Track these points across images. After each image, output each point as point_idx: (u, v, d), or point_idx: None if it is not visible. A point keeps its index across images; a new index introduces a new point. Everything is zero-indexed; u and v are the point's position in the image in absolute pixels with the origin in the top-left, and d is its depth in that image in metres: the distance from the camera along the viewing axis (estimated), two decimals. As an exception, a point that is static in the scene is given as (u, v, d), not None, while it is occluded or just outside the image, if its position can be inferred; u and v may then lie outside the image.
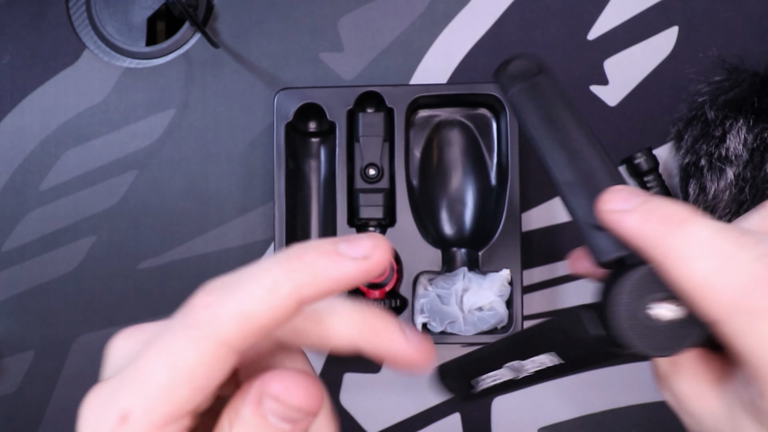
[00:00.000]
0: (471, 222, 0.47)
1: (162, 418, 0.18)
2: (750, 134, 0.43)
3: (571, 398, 0.48)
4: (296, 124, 0.46)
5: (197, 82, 0.50)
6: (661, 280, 0.22)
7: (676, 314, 0.22)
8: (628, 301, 0.22)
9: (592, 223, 0.25)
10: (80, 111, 0.50)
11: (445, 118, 0.48)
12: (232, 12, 0.50)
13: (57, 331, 0.49)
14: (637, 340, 0.22)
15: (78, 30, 0.51)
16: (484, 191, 0.47)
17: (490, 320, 0.43)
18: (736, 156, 0.43)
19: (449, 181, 0.47)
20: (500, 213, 0.44)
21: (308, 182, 0.48)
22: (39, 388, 0.49)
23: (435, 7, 0.50)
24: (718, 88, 0.45)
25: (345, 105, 0.44)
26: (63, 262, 0.49)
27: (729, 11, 0.49)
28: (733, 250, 0.21)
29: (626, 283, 0.22)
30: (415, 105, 0.46)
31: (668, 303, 0.22)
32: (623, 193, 0.23)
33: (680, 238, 0.21)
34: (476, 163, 0.47)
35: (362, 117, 0.45)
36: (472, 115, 0.47)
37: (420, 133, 0.47)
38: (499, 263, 0.44)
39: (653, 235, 0.22)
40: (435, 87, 0.45)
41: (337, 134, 0.44)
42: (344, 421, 0.48)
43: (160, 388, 0.18)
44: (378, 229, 0.45)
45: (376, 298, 0.45)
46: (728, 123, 0.44)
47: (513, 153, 0.44)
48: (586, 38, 0.49)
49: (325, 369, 0.49)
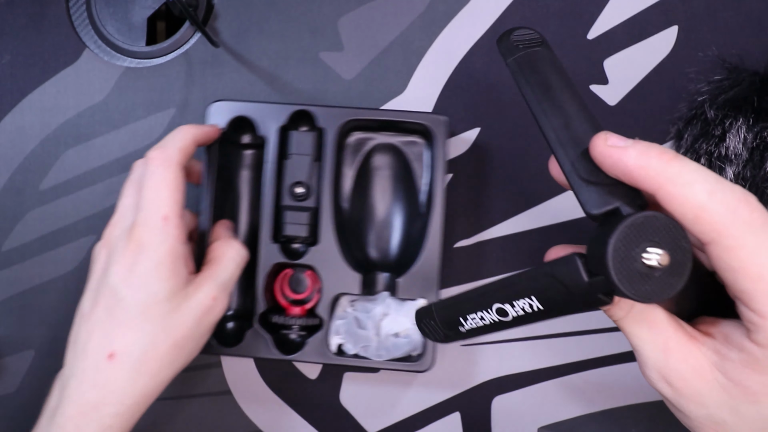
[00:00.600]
0: (397, 247, 0.47)
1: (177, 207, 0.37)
2: (750, 133, 0.43)
3: (571, 398, 0.48)
4: (231, 136, 0.46)
5: (197, 81, 0.50)
6: (652, 229, 0.24)
7: (664, 261, 0.24)
8: (622, 248, 0.24)
9: (583, 177, 0.27)
10: (80, 110, 0.50)
11: (381, 142, 0.48)
12: (232, 12, 0.50)
13: (57, 331, 0.49)
14: (630, 285, 0.24)
15: (78, 29, 0.51)
16: (411, 218, 0.47)
17: (404, 347, 0.43)
18: (735, 155, 0.43)
19: (380, 205, 0.48)
20: (424, 241, 0.44)
21: (239, 193, 0.48)
22: (39, 388, 0.49)
23: (435, 7, 0.50)
24: (717, 87, 0.45)
25: (278, 121, 0.45)
26: (63, 262, 0.49)
27: (729, 11, 0.49)
28: (716, 177, 0.25)
29: (621, 230, 0.24)
30: (350, 127, 0.46)
31: (658, 250, 0.24)
32: (617, 135, 0.27)
33: (677, 167, 0.25)
34: (407, 189, 0.47)
35: (293, 135, 0.45)
36: (406, 141, 0.47)
37: (354, 155, 0.48)
38: (417, 291, 0.44)
39: (654, 166, 0.25)
40: (367, 111, 0.45)
41: (267, 150, 0.45)
42: (344, 420, 0.48)
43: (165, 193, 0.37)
44: (303, 247, 0.45)
45: (296, 314, 0.45)
46: (728, 122, 0.44)
47: (437, 183, 0.44)
48: (586, 38, 0.49)
49: (325, 369, 0.49)
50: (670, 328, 0.28)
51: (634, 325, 0.28)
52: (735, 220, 0.24)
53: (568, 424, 0.48)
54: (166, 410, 0.49)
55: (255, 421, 0.49)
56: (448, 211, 0.49)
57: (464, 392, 0.48)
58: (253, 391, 0.49)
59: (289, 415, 0.49)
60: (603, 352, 0.48)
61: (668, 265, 0.24)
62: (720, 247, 0.25)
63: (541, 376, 0.48)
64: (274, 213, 0.45)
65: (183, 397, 0.49)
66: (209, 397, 0.49)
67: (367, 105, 0.49)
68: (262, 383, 0.49)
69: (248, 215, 0.48)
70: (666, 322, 0.28)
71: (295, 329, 0.45)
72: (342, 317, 0.44)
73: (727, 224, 0.24)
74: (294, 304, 0.46)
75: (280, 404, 0.49)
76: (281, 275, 0.47)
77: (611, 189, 0.26)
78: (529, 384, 0.48)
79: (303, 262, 0.44)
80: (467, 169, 0.49)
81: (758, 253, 0.24)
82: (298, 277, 0.46)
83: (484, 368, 0.48)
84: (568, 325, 0.48)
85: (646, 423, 0.48)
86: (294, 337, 0.46)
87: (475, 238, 0.48)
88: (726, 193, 0.24)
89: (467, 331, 0.31)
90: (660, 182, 0.25)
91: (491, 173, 0.49)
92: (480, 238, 0.48)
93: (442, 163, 0.44)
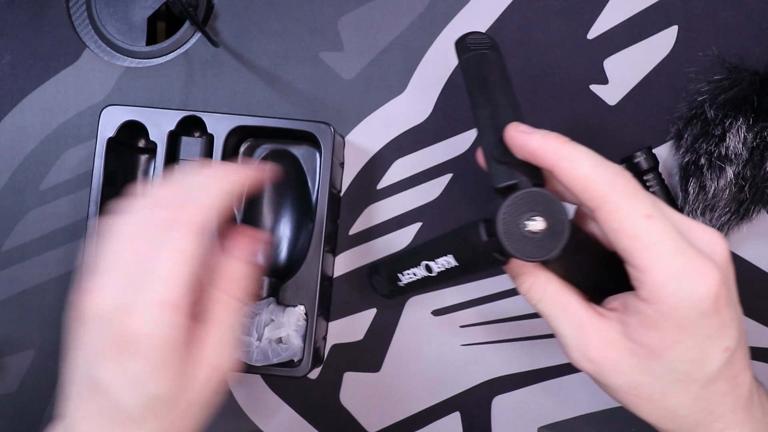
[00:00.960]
0: (285, 253, 0.48)
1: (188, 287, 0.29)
2: (750, 133, 0.43)
3: (571, 398, 0.48)
4: (125, 140, 0.46)
5: (197, 81, 0.50)
6: (536, 201, 0.30)
7: (542, 227, 0.29)
8: (510, 215, 0.30)
9: (496, 157, 0.32)
10: (80, 110, 0.50)
11: (275, 148, 0.48)
12: (232, 11, 0.50)
13: (57, 330, 0.49)
14: (514, 245, 0.29)
15: (78, 29, 0.51)
16: (302, 224, 0.48)
17: (283, 353, 0.44)
18: (735, 155, 0.43)
19: (273, 211, 0.48)
20: (308, 247, 0.45)
21: None
22: (39, 388, 0.49)
23: (435, 6, 0.50)
24: (717, 86, 0.45)
25: (168, 127, 0.45)
26: (63, 262, 0.49)
27: (729, 11, 0.49)
28: (599, 157, 0.30)
29: (509, 201, 0.30)
30: (241, 134, 0.47)
31: (539, 218, 0.29)
32: (527, 125, 0.32)
33: (569, 148, 0.30)
34: (300, 196, 0.48)
35: (183, 141, 0.46)
36: (300, 148, 0.48)
37: (249, 161, 0.48)
38: (300, 297, 0.44)
39: (552, 146, 0.30)
40: (254, 119, 0.45)
41: (158, 155, 0.45)
42: (344, 420, 0.48)
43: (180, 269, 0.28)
44: None
45: None
46: (728, 122, 0.44)
47: (323, 191, 0.44)
48: (586, 37, 0.49)
49: (325, 369, 0.49)
50: (582, 309, 0.32)
51: (551, 308, 0.32)
52: (614, 188, 0.29)
53: (568, 424, 0.48)
54: (166, 410, 0.49)
55: (255, 420, 0.49)
56: (449, 210, 0.49)
57: (464, 392, 0.48)
58: (253, 391, 0.49)
59: (289, 415, 0.49)
60: (603, 351, 0.48)
61: (547, 231, 0.29)
62: (603, 212, 0.29)
63: (541, 376, 0.48)
64: None
65: (183, 397, 0.49)
66: (209, 397, 0.49)
67: (367, 105, 0.49)
68: (262, 383, 0.49)
69: None
70: (577, 303, 0.32)
71: None
72: None
73: (608, 191, 0.29)
74: None
75: (280, 404, 0.49)
76: None
77: (516, 168, 0.31)
78: (529, 384, 0.48)
79: None
80: (467, 169, 0.49)
81: (632, 214, 0.28)
82: None
83: (484, 368, 0.48)
84: (568, 324, 0.48)
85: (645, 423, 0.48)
86: None
87: (475, 237, 0.49)
88: (606, 168, 0.29)
89: (405, 285, 0.36)
90: (555, 160, 0.30)
91: (491, 173, 0.49)
92: (480, 238, 0.49)
93: (328, 170, 0.44)
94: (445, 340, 0.48)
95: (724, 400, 0.30)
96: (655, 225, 0.28)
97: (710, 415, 0.31)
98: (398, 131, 0.49)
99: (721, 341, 0.29)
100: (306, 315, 0.44)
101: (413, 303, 0.49)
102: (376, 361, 0.49)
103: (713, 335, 0.29)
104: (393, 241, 0.49)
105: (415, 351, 0.48)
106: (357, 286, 0.49)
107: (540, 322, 0.48)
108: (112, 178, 0.46)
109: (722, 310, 0.29)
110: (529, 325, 0.48)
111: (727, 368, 0.30)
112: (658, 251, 0.28)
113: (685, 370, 0.29)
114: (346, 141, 0.49)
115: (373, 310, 0.49)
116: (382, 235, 0.49)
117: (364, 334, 0.49)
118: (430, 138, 0.49)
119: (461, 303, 0.48)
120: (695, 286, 0.28)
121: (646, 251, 0.28)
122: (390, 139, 0.49)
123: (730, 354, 0.29)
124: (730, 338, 0.29)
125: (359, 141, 0.49)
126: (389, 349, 0.49)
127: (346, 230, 0.49)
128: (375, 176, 0.49)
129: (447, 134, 0.49)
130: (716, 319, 0.28)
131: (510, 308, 0.48)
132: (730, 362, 0.30)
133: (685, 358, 0.29)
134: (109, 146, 0.45)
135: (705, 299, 0.28)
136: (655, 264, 0.28)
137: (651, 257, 0.28)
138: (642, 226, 0.28)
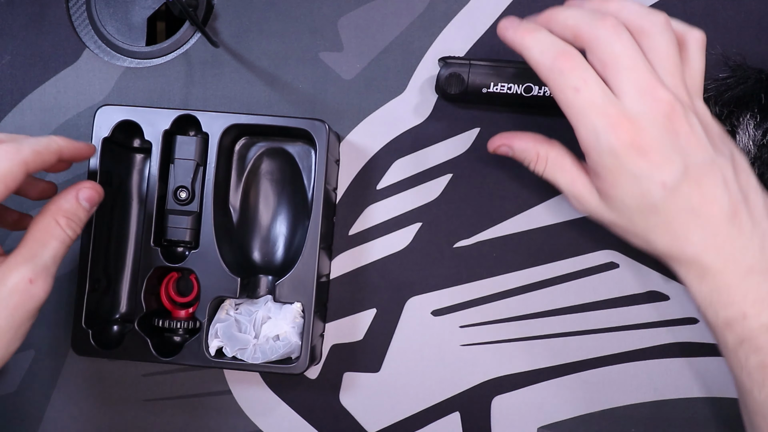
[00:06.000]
0: (282, 251, 0.48)
1: None
2: (759, 130, 0.43)
3: (571, 398, 0.48)
4: (120, 139, 0.46)
5: (197, 81, 0.50)
6: None
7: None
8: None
9: None
10: (80, 110, 0.50)
11: (270, 147, 0.48)
12: (232, 12, 0.50)
13: (57, 331, 0.49)
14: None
15: (78, 30, 0.51)
16: (298, 222, 0.48)
17: (280, 350, 0.43)
18: (746, 152, 0.44)
19: (266, 209, 0.48)
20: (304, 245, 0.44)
21: (130, 197, 0.48)
22: (39, 388, 0.49)
23: (435, 7, 0.50)
24: (723, 84, 0.45)
25: (163, 126, 0.45)
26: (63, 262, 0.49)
27: (729, 10, 0.49)
28: (548, 38, 0.37)
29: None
30: (237, 132, 0.47)
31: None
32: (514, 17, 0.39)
33: (528, 39, 0.37)
34: (296, 193, 0.48)
35: (178, 140, 0.46)
36: (296, 146, 0.48)
37: (243, 159, 0.48)
38: (297, 294, 0.44)
39: (516, 39, 0.37)
40: (249, 116, 0.45)
41: (153, 154, 0.45)
42: (344, 421, 0.48)
43: None
44: (187, 251, 0.46)
45: (181, 317, 0.47)
46: (736, 119, 0.44)
47: (318, 188, 0.44)
48: (586, 37, 0.49)
49: (325, 369, 0.49)
50: (574, 168, 0.40)
51: (554, 173, 0.41)
52: (551, 70, 0.36)
53: (568, 424, 0.48)
54: (166, 410, 0.49)
55: (255, 421, 0.49)
56: (448, 211, 0.49)
57: (464, 392, 0.48)
58: (253, 391, 0.49)
59: (289, 415, 0.49)
60: (603, 352, 0.48)
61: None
62: (549, 88, 0.37)
63: (541, 376, 0.48)
64: (159, 217, 0.45)
65: (183, 397, 0.49)
66: (209, 397, 0.49)
67: (367, 105, 0.49)
68: (262, 383, 0.49)
69: (137, 219, 0.48)
70: (571, 164, 0.40)
71: (178, 332, 0.46)
72: (224, 320, 0.45)
73: (548, 72, 0.36)
74: (179, 307, 0.47)
75: (280, 404, 0.49)
76: (168, 278, 0.47)
77: None
78: (529, 384, 0.48)
79: (183, 266, 0.45)
80: (467, 169, 0.49)
81: (564, 89, 0.36)
82: (185, 280, 0.48)
83: (484, 368, 0.48)
84: (568, 324, 0.48)
85: (646, 423, 0.48)
86: (179, 340, 0.47)
87: (475, 238, 0.48)
88: (549, 52, 0.36)
89: (486, 94, 0.45)
90: (520, 50, 0.37)
91: (491, 173, 0.49)
92: (480, 238, 0.48)
93: (323, 168, 0.44)
94: (445, 340, 0.48)
95: (687, 227, 0.36)
96: (581, 95, 0.35)
97: (679, 240, 0.37)
98: (398, 131, 0.49)
99: (655, 178, 0.35)
100: (303, 312, 0.44)
101: (413, 303, 0.49)
102: (376, 361, 0.49)
103: (643, 175, 0.35)
104: (393, 241, 0.49)
105: (415, 351, 0.48)
106: (357, 286, 0.49)
107: (540, 322, 0.48)
108: (108, 177, 0.46)
109: (648, 153, 0.35)
110: (529, 325, 0.48)
111: (677, 200, 0.36)
112: (584, 115, 0.35)
113: (634, 204, 0.37)
114: (345, 141, 0.49)
115: (373, 310, 0.49)
116: (382, 235, 0.49)
117: (364, 334, 0.49)
118: (429, 138, 0.49)
119: (461, 303, 0.48)
120: (608, 139, 0.35)
121: (575, 116, 0.36)
122: (389, 140, 0.49)
123: (673, 188, 0.35)
124: (669, 174, 0.35)
125: (359, 141, 0.49)
126: (389, 349, 0.49)
127: (346, 230, 0.49)
128: (374, 176, 0.49)
129: (446, 134, 0.49)
130: (641, 161, 0.35)
131: (510, 308, 0.48)
132: (678, 195, 0.35)
133: (628, 193, 0.36)
134: (105, 146, 0.45)
135: (619, 147, 0.35)
136: (581, 125, 0.36)
137: (578, 120, 0.36)
138: (571, 96, 0.36)
